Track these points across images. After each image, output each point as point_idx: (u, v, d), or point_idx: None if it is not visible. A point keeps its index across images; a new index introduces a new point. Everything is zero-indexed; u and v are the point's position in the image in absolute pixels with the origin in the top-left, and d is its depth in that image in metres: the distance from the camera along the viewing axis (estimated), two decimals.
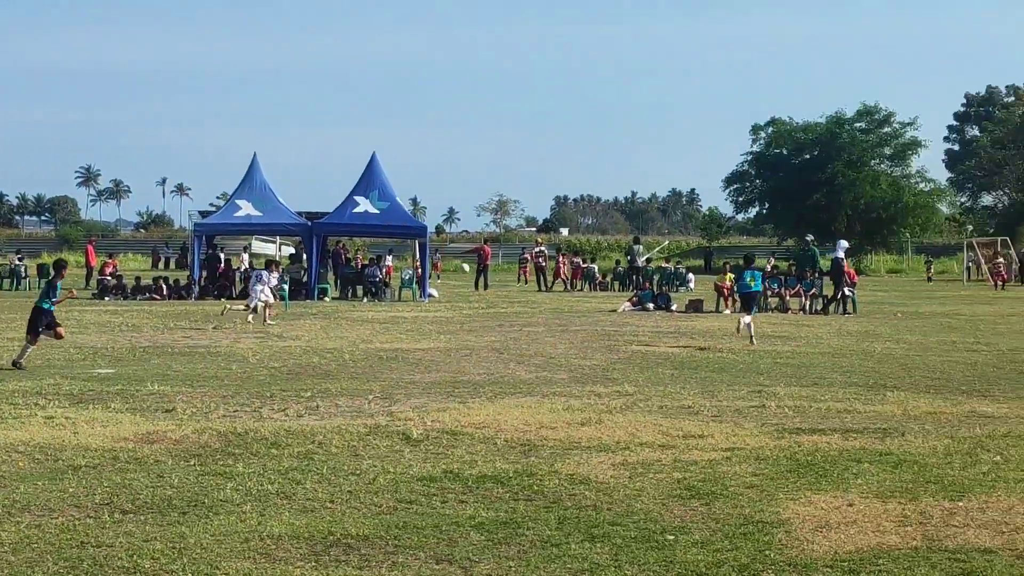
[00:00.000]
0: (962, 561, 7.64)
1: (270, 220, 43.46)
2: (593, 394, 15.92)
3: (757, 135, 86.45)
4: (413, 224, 46.17)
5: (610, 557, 7.77)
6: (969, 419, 13.78)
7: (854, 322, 31.24)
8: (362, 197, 42.54)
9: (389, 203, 42.84)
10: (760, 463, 10.90)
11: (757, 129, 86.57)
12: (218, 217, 45.59)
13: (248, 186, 43.58)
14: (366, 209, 42.35)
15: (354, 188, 43.05)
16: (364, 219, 42.54)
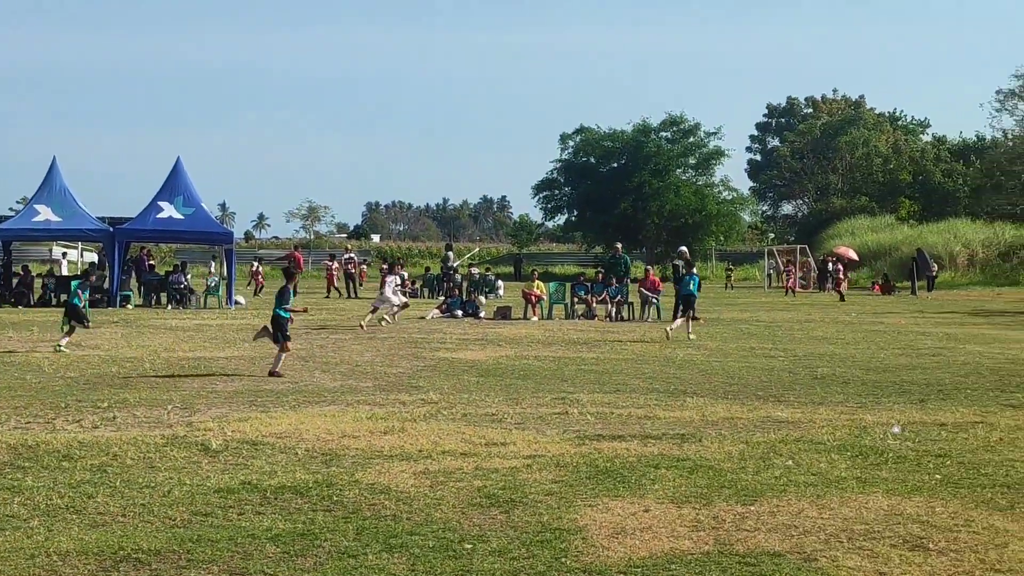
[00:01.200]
0: (751, 565, 7.80)
1: (70, 225, 42.35)
2: (398, 402, 15.86)
3: (566, 143, 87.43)
4: (218, 230, 45.44)
5: (407, 567, 7.73)
6: (764, 424, 14.11)
7: (658, 329, 31.73)
8: (166, 202, 41.71)
9: (194, 209, 42.09)
10: (560, 470, 10.98)
11: (565, 138, 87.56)
12: (15, 222, 44.16)
13: (47, 190, 42.33)
14: (171, 215, 41.55)
15: (158, 193, 42.18)
16: (168, 225, 41.71)
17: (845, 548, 8.22)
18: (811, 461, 11.54)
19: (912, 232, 78.35)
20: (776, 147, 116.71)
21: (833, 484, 10.42)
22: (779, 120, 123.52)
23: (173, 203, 41.71)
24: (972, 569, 7.71)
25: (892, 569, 7.71)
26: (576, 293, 37.81)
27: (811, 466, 11.28)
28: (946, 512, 9.34)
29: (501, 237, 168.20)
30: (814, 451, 12.11)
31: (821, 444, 12.54)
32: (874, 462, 11.54)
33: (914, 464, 11.44)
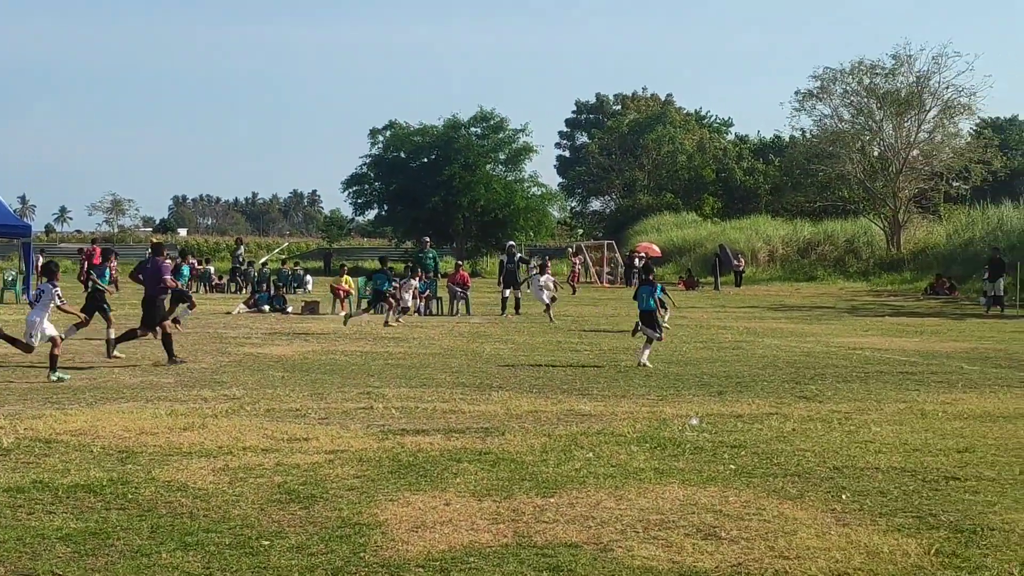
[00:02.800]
0: (549, 556, 7.87)
1: None
2: (200, 398, 15.60)
3: (376, 138, 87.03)
4: (15, 223, 44.05)
5: (202, 565, 7.61)
6: (567, 417, 14.26)
7: (467, 323, 31.88)
8: None
9: None
10: (363, 465, 10.94)
11: (375, 132, 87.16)
12: None
13: None
14: None
15: None
16: None
17: (640, 538, 8.36)
18: (611, 453, 11.71)
19: (715, 229, 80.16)
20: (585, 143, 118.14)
21: (632, 475, 10.59)
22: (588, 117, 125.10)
23: None
24: (761, 556, 7.92)
25: (685, 558, 7.86)
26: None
27: (611, 458, 11.45)
28: (739, 501, 9.57)
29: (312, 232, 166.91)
30: (615, 443, 12.29)
31: (622, 436, 12.74)
32: (672, 453, 11.76)
33: (710, 455, 11.70)
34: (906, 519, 9.01)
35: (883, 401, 16.03)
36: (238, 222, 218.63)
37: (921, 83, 67.62)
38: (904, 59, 67.69)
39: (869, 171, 70.23)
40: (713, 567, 7.66)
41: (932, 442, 12.57)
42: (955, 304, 46.40)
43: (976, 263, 53.48)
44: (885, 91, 68.48)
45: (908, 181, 68.84)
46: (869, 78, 69.18)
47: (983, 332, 30.54)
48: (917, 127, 69.15)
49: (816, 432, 13.18)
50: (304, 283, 51.84)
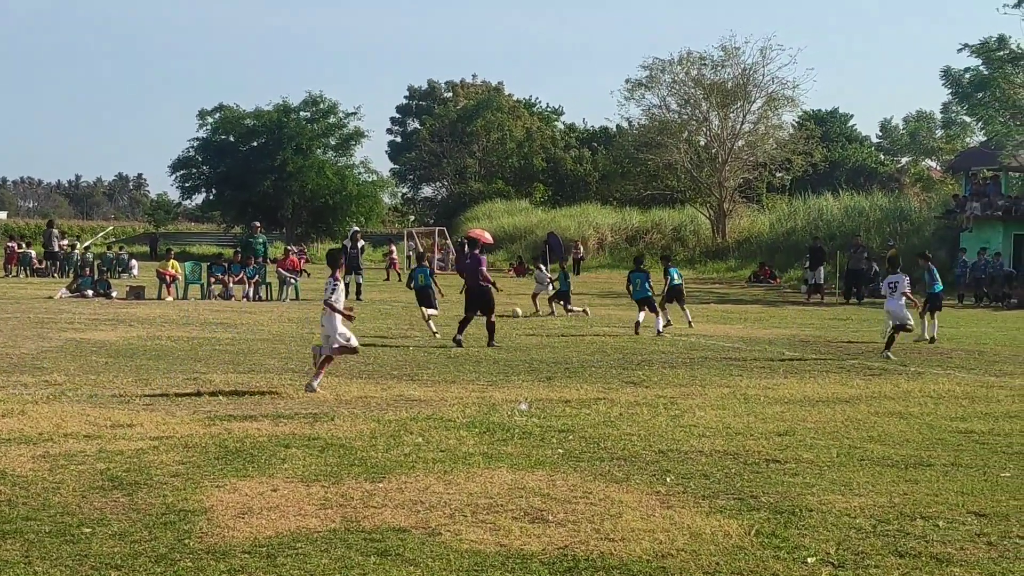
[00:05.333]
0: (377, 541, 7.86)
1: None
2: (19, 384, 15.22)
3: (204, 120, 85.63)
4: None
5: (20, 553, 7.43)
6: (397, 403, 14.26)
7: (296, 309, 31.63)
8: None
9: None
10: (188, 451, 10.78)
11: (204, 115, 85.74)
12: None
13: None
14: None
15: None
16: None
17: (469, 522, 8.40)
18: (441, 438, 11.74)
19: (546, 216, 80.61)
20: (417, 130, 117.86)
21: (460, 460, 10.63)
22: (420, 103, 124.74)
23: None
24: (587, 538, 8.01)
25: (512, 541, 7.92)
26: (213, 273, 37.21)
27: (440, 443, 11.47)
28: (566, 485, 9.67)
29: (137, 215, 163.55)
30: (444, 428, 12.33)
31: (451, 421, 12.78)
32: (501, 438, 11.84)
33: (539, 439, 11.81)
34: (728, 501, 9.21)
35: (707, 386, 16.36)
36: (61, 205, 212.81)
37: (747, 75, 68.91)
38: (731, 51, 68.91)
39: (696, 161, 71.41)
40: (540, 550, 7.73)
41: (754, 426, 12.87)
42: (777, 292, 47.58)
43: (798, 252, 54.90)
44: (712, 82, 69.67)
45: (733, 171, 70.17)
46: (697, 69, 70.31)
47: (804, 319, 31.39)
48: (742, 118, 70.49)
49: (642, 417, 13.39)
50: (129, 268, 50.83)
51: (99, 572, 7.08)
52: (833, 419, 13.48)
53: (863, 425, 13.07)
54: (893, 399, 15.30)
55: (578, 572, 7.26)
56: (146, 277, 43.38)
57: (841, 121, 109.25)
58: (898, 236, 52.35)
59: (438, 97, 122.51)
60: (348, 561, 7.40)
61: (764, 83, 69.18)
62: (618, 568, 7.35)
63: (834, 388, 16.40)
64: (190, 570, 7.15)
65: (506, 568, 7.32)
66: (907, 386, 16.69)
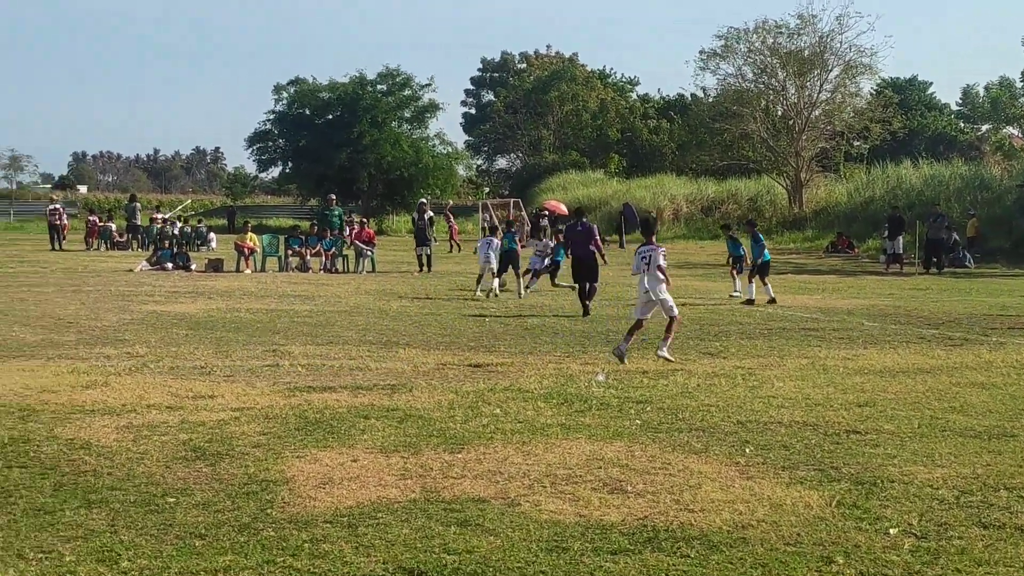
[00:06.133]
0: (457, 511, 7.89)
1: None
2: (102, 356, 15.42)
3: (280, 95, 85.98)
4: None
5: (107, 522, 7.54)
6: (474, 374, 14.30)
7: (372, 280, 31.79)
8: None
9: None
10: (269, 422, 10.88)
11: (280, 88, 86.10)
12: None
13: None
14: None
15: None
16: None
17: (548, 492, 8.41)
18: (519, 409, 11.76)
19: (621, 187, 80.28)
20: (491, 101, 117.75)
21: (539, 431, 10.64)
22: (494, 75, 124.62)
23: None
24: (667, 509, 8.00)
25: (592, 511, 7.92)
26: (290, 246, 37.50)
27: (518, 414, 11.49)
28: (645, 455, 9.66)
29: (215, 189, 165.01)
30: (522, 399, 12.34)
31: (528, 392, 12.79)
32: (579, 409, 11.84)
33: (617, 410, 11.79)
34: (808, 472, 9.15)
35: (785, 357, 16.24)
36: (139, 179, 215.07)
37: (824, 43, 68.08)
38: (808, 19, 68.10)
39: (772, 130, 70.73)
40: (620, 520, 7.72)
41: (833, 397, 12.76)
42: (855, 262, 47.07)
43: (876, 221, 54.20)
44: (788, 51, 68.91)
45: (810, 140, 69.44)
46: (773, 37, 69.58)
47: (883, 289, 31.04)
48: (819, 87, 69.70)
49: (720, 388, 13.33)
50: (208, 241, 51.30)
51: (184, 541, 7.17)
52: (914, 390, 13.33)
53: (945, 396, 12.92)
54: (975, 369, 15.10)
55: (658, 543, 7.25)
56: (224, 250, 43.77)
57: (920, 89, 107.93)
58: (978, 205, 51.56)
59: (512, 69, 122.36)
60: (428, 531, 7.44)
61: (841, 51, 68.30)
62: (698, 539, 7.33)
63: (914, 359, 16.21)
64: (273, 539, 7.22)
65: (586, 538, 7.32)
66: (989, 356, 16.46)
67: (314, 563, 6.78)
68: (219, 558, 6.83)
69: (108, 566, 6.68)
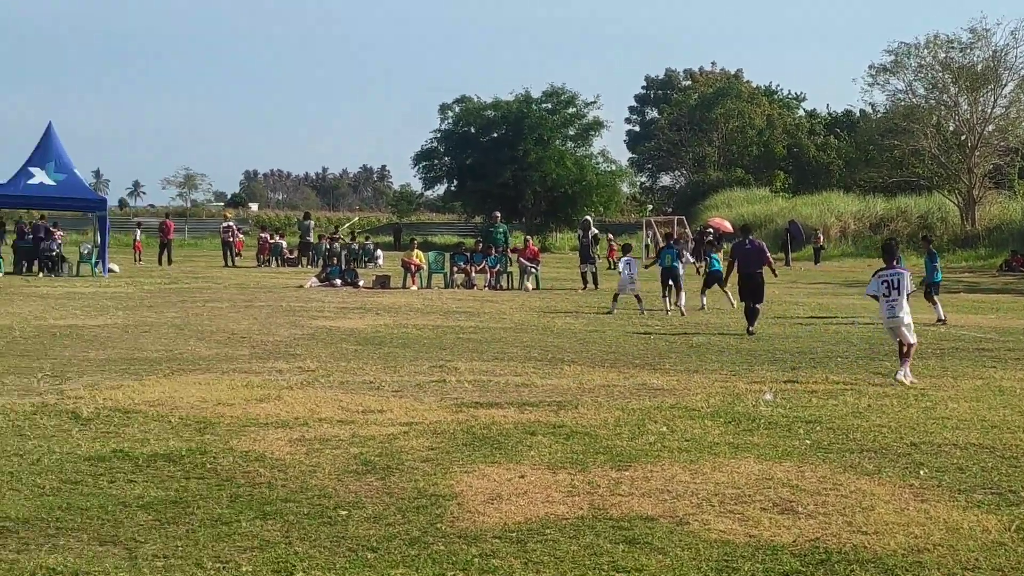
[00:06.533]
0: (625, 529, 7.87)
1: None
2: (274, 370, 15.74)
3: (446, 113, 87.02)
4: (91, 197, 44.50)
5: (281, 534, 7.68)
6: (640, 391, 14.25)
7: (537, 298, 31.90)
8: (38, 168, 40.76)
9: (66, 175, 41.18)
10: (437, 437, 10.98)
11: (446, 108, 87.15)
12: None
13: None
14: (42, 181, 40.62)
15: (29, 159, 41.22)
16: (40, 191, 40.78)
17: (717, 511, 8.34)
18: (685, 427, 11.68)
19: (786, 204, 79.50)
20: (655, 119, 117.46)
21: (706, 449, 10.56)
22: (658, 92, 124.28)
23: (44, 169, 40.78)
24: (839, 531, 7.87)
25: (762, 531, 7.83)
26: (455, 263, 37.87)
27: (685, 432, 11.42)
28: (815, 476, 9.51)
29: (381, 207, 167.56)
30: (688, 417, 12.26)
31: (695, 411, 12.70)
32: (747, 428, 11.71)
33: (785, 430, 11.64)
34: (985, 495, 8.92)
35: (959, 377, 15.86)
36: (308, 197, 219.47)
37: (998, 57, 66.58)
38: (981, 33, 66.64)
39: (944, 147, 69.33)
40: (791, 541, 7.62)
41: (1010, 419, 12.42)
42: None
43: None
44: (960, 65, 67.51)
45: (983, 157, 67.91)
46: (944, 52, 68.22)
47: None
48: (993, 102, 68.15)
49: (892, 408, 13.07)
50: (375, 257, 52.06)
51: (356, 553, 7.27)
52: None
53: None
54: None
55: (831, 565, 7.13)
56: (391, 266, 44.36)
57: None
58: None
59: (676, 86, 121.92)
60: (597, 548, 7.43)
61: (1016, 65, 66.72)
62: (872, 562, 7.19)
63: None
64: (443, 554, 7.28)
65: (756, 559, 7.24)
66: None
67: None
68: (391, 571, 6.91)
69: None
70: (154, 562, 7.05)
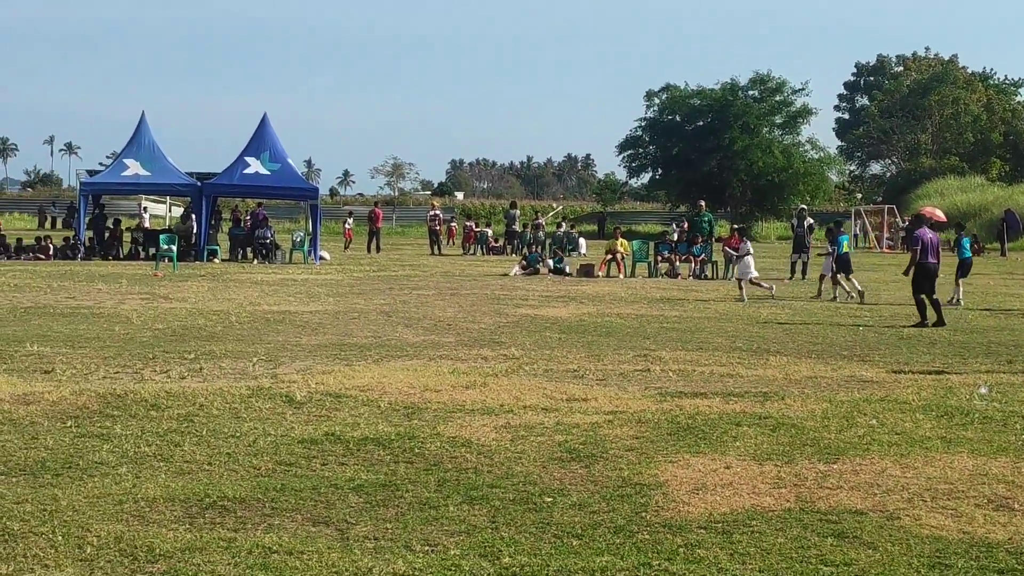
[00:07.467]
0: (833, 522, 7.76)
1: (159, 180, 42.82)
2: (480, 357, 15.92)
3: (651, 101, 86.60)
4: (304, 186, 45.72)
5: (487, 519, 7.78)
6: (848, 383, 14.00)
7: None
8: (253, 158, 42.06)
9: (280, 164, 42.39)
10: (641, 426, 10.97)
11: (651, 95, 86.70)
12: (105, 176, 44.87)
13: (136, 145, 42.85)
14: (257, 170, 41.91)
15: (245, 149, 42.55)
16: (255, 180, 42.11)
17: (929, 507, 8.16)
18: (895, 421, 11.43)
19: (1002, 193, 76.95)
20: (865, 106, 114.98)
21: (917, 444, 10.32)
22: (868, 79, 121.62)
23: (260, 159, 42.03)
24: None
25: (976, 528, 7.63)
26: (660, 251, 37.74)
27: (895, 425, 11.17)
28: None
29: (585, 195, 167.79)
30: (898, 411, 11.99)
31: (906, 404, 12.41)
32: (959, 422, 11.41)
33: (1000, 425, 11.31)
34: None
35: None
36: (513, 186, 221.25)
37: None
38: None
39: None
40: (1006, 539, 7.41)
41: None
42: None
43: None
44: None
45: None
46: None
47: None
48: None
49: None
50: (578, 246, 52.21)
51: (561, 540, 7.32)
52: None
53: None
54: None
55: None
56: (594, 255, 44.41)
57: None
58: None
59: (888, 72, 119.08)
60: (804, 541, 7.34)
61: None
62: None
63: None
64: (648, 543, 7.28)
65: (970, 556, 7.06)
66: None
67: (689, 568, 6.79)
68: (596, 558, 6.94)
69: (490, 561, 6.90)
70: (365, 543, 7.22)
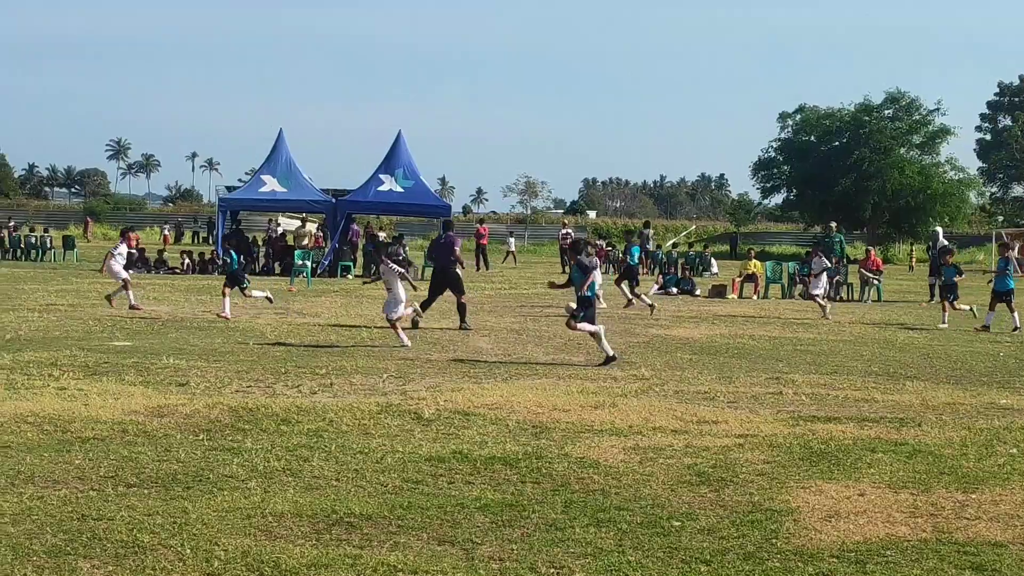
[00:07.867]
0: (971, 554, 7.51)
1: (294, 196, 43.48)
2: (609, 377, 15.81)
3: (785, 122, 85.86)
4: (437, 203, 46.03)
5: (614, 542, 7.68)
6: (988, 411, 13.62)
7: (877, 310, 31.04)
8: (387, 175, 42.52)
9: (414, 182, 42.79)
10: (773, 450, 10.78)
11: (785, 116, 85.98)
12: (243, 192, 45.73)
13: (274, 162, 43.60)
14: (391, 187, 42.36)
15: (379, 166, 43.04)
16: (389, 197, 42.55)
17: None
18: None
19: None
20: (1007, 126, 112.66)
21: None
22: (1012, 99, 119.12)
23: (394, 176, 42.46)
24: None
25: None
26: (800, 273, 37.27)
27: None
28: None
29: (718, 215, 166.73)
30: None
31: None
32: None
33: None
34: None
35: None
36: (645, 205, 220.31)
37: None
38: None
39: None
40: None
41: None
42: None
43: None
44: None
45: None
46: None
47: None
48: None
49: None
50: (710, 266, 51.80)
51: (689, 566, 7.19)
52: None
53: None
54: None
55: None
56: (727, 276, 44.01)
57: None
58: None
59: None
60: (940, 573, 7.12)
61: None
62: None
63: None
64: (778, 570, 7.12)
65: None
66: None
67: None
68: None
69: None
70: (490, 564, 7.16)
